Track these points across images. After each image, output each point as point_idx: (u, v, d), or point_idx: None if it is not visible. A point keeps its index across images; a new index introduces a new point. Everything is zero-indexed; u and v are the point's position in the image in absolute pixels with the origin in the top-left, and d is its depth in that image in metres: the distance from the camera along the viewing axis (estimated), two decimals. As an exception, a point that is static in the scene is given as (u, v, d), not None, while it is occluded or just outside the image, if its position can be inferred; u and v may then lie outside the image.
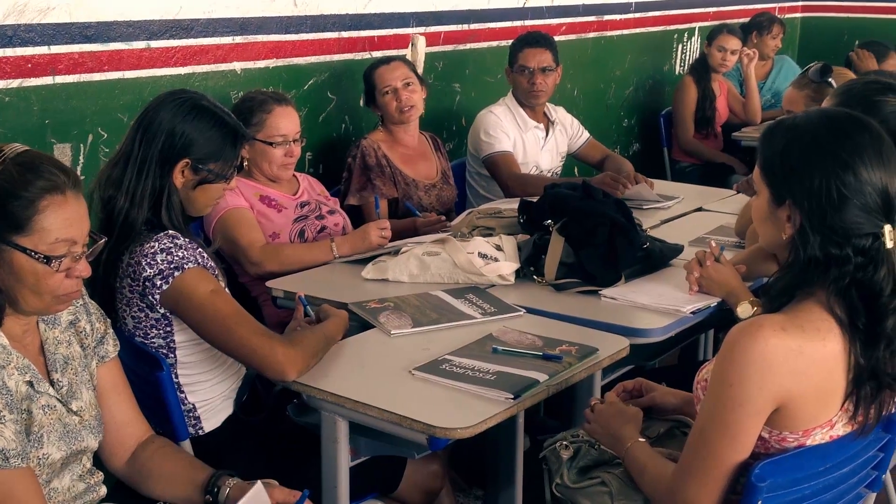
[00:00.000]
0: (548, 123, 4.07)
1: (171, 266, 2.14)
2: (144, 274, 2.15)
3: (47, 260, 1.66)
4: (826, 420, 1.69)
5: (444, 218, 3.25)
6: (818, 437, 1.70)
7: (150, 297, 2.17)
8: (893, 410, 1.78)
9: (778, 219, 1.72)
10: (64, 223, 1.67)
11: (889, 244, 1.66)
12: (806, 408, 1.67)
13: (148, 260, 2.15)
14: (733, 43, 5.27)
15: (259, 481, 1.77)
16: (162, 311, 2.20)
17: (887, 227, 1.66)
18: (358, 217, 3.38)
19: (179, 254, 2.16)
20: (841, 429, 1.71)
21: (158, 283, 2.15)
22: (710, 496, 1.69)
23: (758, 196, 1.79)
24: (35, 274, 1.67)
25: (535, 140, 4.01)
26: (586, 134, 4.20)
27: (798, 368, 1.63)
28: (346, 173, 3.51)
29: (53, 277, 1.68)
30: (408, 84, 3.52)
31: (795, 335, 1.63)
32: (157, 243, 2.16)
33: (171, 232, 2.19)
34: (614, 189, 3.40)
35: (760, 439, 1.69)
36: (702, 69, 5.33)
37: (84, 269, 1.72)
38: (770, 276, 1.79)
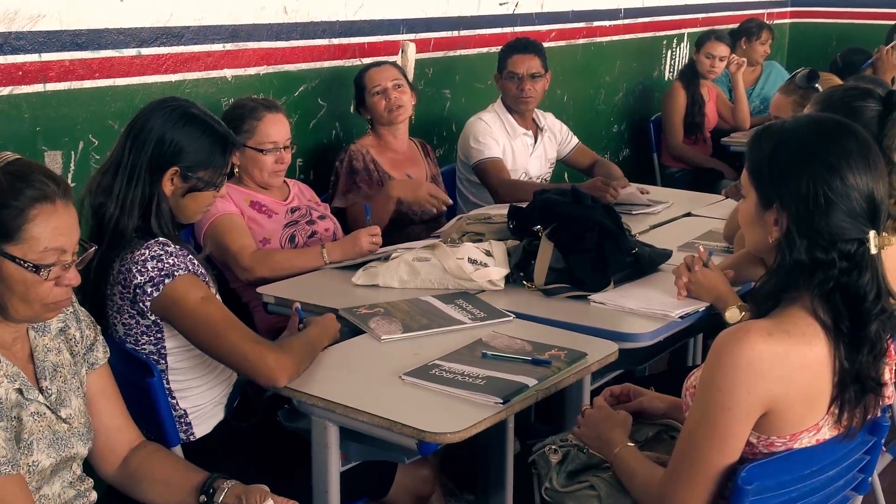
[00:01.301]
0: (536, 130, 4.09)
1: (162, 273, 2.15)
2: (135, 281, 2.15)
3: (36, 269, 1.66)
4: (813, 424, 1.70)
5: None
6: (805, 441, 1.71)
7: (140, 304, 2.17)
8: (879, 414, 1.79)
9: (765, 222, 1.73)
10: (53, 232, 1.67)
11: (874, 250, 1.68)
12: (793, 412, 1.68)
13: (138, 267, 2.15)
14: (721, 49, 5.29)
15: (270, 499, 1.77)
16: (153, 317, 2.20)
17: (872, 233, 1.67)
18: (345, 221, 3.39)
19: (170, 261, 2.16)
20: (827, 432, 1.72)
21: (149, 290, 2.15)
22: (699, 500, 1.70)
23: (745, 200, 1.80)
24: (24, 282, 1.67)
25: (523, 147, 4.02)
26: (575, 140, 4.21)
27: (785, 373, 1.64)
28: (334, 177, 3.52)
29: (42, 286, 1.68)
30: (398, 85, 3.54)
31: (782, 340, 1.65)
32: (147, 251, 2.16)
33: (161, 239, 2.19)
34: (604, 193, 3.42)
35: (748, 444, 1.70)
36: (691, 75, 5.35)
37: (74, 277, 1.72)
38: (757, 281, 1.80)
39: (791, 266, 1.68)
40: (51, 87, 2.93)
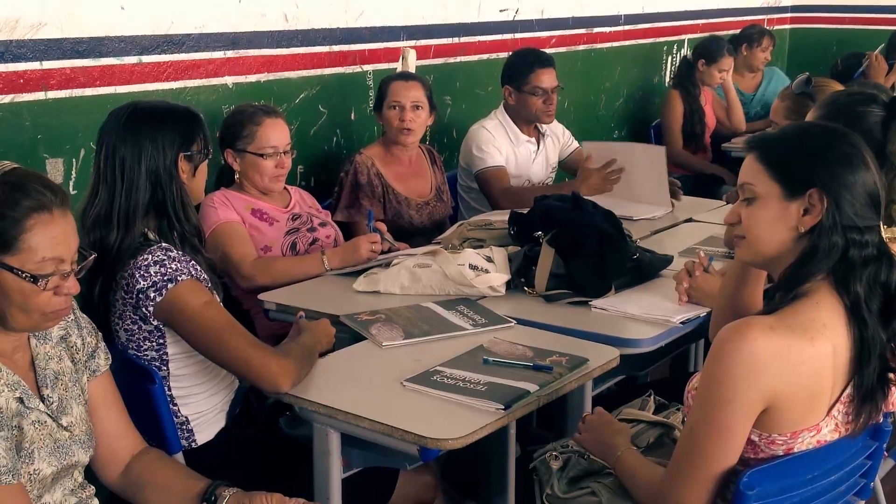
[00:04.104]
0: (539, 136, 4.09)
1: (165, 278, 2.15)
2: (138, 286, 2.16)
3: (34, 279, 1.66)
4: (813, 423, 1.70)
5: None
6: (806, 441, 1.71)
7: (143, 309, 2.18)
8: (881, 420, 1.79)
9: (790, 215, 1.72)
10: (51, 242, 1.67)
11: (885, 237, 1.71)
12: (793, 408, 1.68)
13: (141, 272, 2.15)
14: (730, 63, 5.31)
15: None
16: (155, 323, 2.21)
17: (881, 224, 1.70)
18: (347, 230, 3.39)
19: (173, 266, 2.16)
20: (828, 434, 1.72)
21: (152, 295, 2.15)
22: (700, 498, 1.70)
23: (756, 203, 1.76)
24: (22, 293, 1.67)
25: (527, 153, 4.02)
26: (575, 143, 4.21)
27: (785, 368, 1.64)
28: (338, 187, 3.52)
29: (41, 296, 1.68)
30: (416, 107, 3.51)
31: (784, 335, 1.65)
32: (150, 256, 2.16)
33: (164, 245, 2.20)
34: (604, 185, 3.45)
35: (750, 443, 1.70)
36: (690, 84, 5.31)
37: (73, 286, 1.72)
38: (781, 273, 1.77)
39: (827, 249, 1.68)
40: (52, 94, 2.94)
